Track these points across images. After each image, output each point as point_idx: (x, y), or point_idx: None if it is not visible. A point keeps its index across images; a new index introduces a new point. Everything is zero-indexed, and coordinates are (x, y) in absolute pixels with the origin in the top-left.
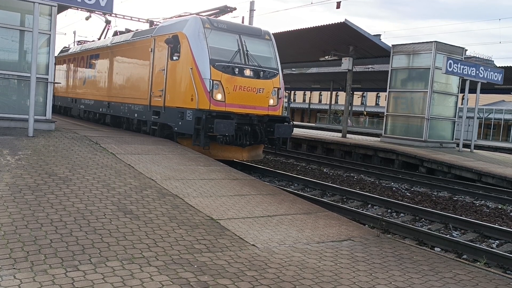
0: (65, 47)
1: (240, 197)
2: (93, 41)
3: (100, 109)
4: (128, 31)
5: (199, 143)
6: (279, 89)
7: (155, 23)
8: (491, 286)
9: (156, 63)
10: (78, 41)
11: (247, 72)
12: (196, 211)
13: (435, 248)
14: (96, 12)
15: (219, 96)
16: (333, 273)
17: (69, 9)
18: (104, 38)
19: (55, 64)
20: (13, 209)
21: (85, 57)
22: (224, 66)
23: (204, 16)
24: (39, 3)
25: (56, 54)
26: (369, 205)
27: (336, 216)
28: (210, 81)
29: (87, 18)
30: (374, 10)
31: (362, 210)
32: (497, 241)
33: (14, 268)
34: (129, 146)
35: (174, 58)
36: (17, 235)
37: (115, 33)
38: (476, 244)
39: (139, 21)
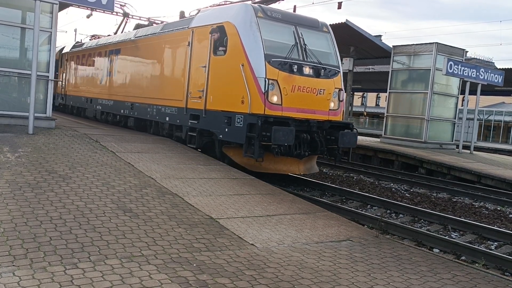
0: (77, 42)
1: (240, 196)
2: (108, 35)
3: (122, 111)
4: (151, 23)
5: (253, 155)
6: (340, 90)
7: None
8: (490, 287)
9: (194, 59)
10: (92, 36)
11: (306, 70)
12: (195, 210)
13: (434, 249)
14: (97, 10)
15: (274, 99)
16: (332, 273)
17: (70, 7)
18: (122, 32)
19: (66, 60)
20: (12, 206)
21: (103, 52)
22: (280, 63)
23: (251, 3)
24: (41, 1)
25: (67, 50)
26: (368, 206)
27: (335, 216)
28: (265, 81)
29: (88, 16)
30: (375, 10)
31: (361, 210)
32: (495, 243)
33: (13, 265)
34: (129, 144)
35: (219, 52)
36: (16, 232)
37: (137, 26)
38: (474, 245)
39: (140, 19)
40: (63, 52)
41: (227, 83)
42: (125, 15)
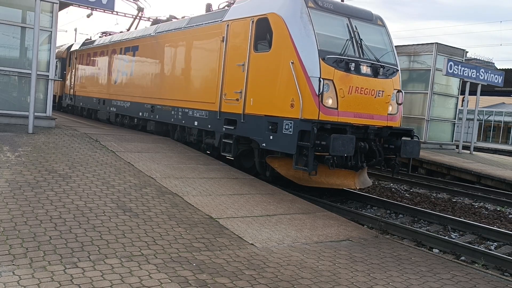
0: (87, 39)
1: (239, 196)
2: (120, 32)
3: (140, 113)
4: (172, 18)
5: (306, 167)
6: (399, 91)
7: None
8: None
9: (230, 56)
10: (103, 32)
11: (364, 68)
12: (195, 210)
13: (434, 249)
14: (97, 9)
15: (329, 101)
16: (331, 273)
17: (71, 7)
18: (135, 28)
19: (76, 58)
20: (12, 206)
21: (118, 49)
22: (336, 60)
23: None
24: (41, 0)
25: (77, 48)
26: (368, 206)
27: (334, 216)
28: (319, 81)
29: (88, 16)
30: (375, 10)
31: (361, 210)
32: (495, 243)
33: (13, 264)
34: (129, 144)
35: (262, 49)
36: (16, 232)
37: (155, 21)
38: (474, 246)
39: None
40: (71, 50)
41: (271, 84)
42: (140, 9)
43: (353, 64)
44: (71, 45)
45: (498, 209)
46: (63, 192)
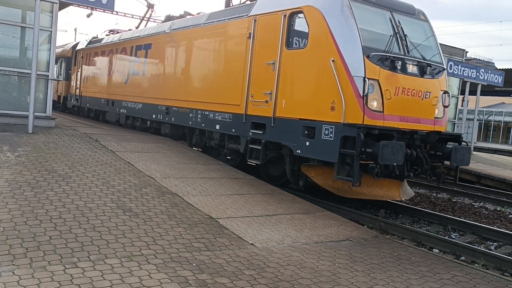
0: (94, 38)
1: (239, 196)
2: (129, 30)
3: (153, 116)
4: (186, 14)
5: (350, 178)
6: (445, 92)
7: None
8: None
9: (257, 54)
10: (110, 30)
11: (410, 67)
12: (195, 210)
13: (434, 249)
14: (97, 9)
15: (374, 104)
16: (331, 273)
17: (70, 6)
18: (145, 25)
19: (82, 57)
20: (12, 206)
21: (128, 48)
22: (381, 58)
23: None
24: (41, 0)
25: (83, 46)
26: (368, 206)
27: (334, 216)
28: (364, 81)
29: (88, 16)
30: None
31: (361, 210)
32: (495, 243)
33: (13, 264)
34: (129, 144)
35: (296, 45)
36: (16, 232)
37: (169, 18)
38: (474, 245)
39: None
40: (77, 48)
41: (308, 84)
42: (150, 6)
43: (399, 62)
44: (77, 44)
45: (498, 209)
46: (63, 192)
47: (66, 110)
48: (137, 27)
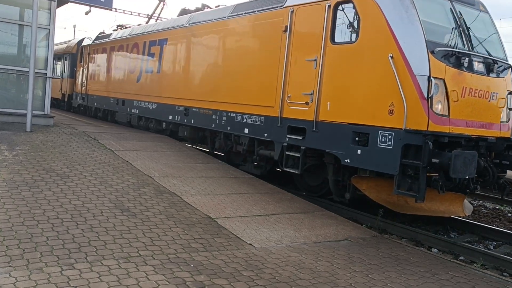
0: (101, 33)
1: (238, 195)
2: (138, 24)
3: (170, 117)
4: (205, 7)
5: (415, 193)
6: (511, 93)
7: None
8: None
9: (295, 49)
10: (118, 25)
11: (476, 65)
12: (193, 209)
13: (433, 249)
14: (96, 6)
15: (439, 107)
16: (330, 274)
17: (69, 3)
18: (156, 20)
19: (88, 54)
20: (9, 206)
21: (140, 43)
22: (447, 54)
23: None
24: None
25: (90, 42)
26: (368, 204)
27: (333, 216)
28: (429, 80)
29: (86, 13)
30: None
31: (360, 210)
32: (494, 243)
33: (9, 266)
34: (128, 142)
35: (343, 39)
36: (13, 232)
37: (184, 11)
38: (473, 245)
39: (139, 15)
40: (83, 44)
41: (359, 84)
42: (161, 0)
43: (466, 59)
44: (83, 39)
45: (497, 207)
46: (61, 192)
47: (72, 109)
48: (147, 22)
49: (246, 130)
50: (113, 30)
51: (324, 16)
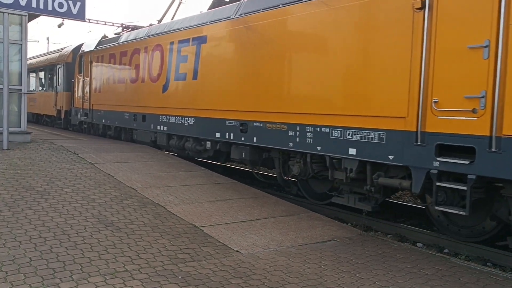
0: (104, 37)
1: (223, 202)
2: (149, 24)
3: (218, 134)
4: None
5: None
6: None
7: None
8: (473, 280)
9: (444, 34)
10: (124, 27)
11: None
12: (178, 219)
13: (417, 244)
14: (69, 18)
15: None
16: (318, 276)
17: (41, 17)
18: (172, 18)
19: (90, 62)
20: None
21: (165, 44)
22: None
23: None
24: (9, 13)
25: (91, 49)
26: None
27: (319, 217)
28: None
29: (59, 25)
30: None
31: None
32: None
33: None
34: (108, 154)
35: None
36: None
37: (214, 4)
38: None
39: (113, 25)
40: (83, 51)
41: None
42: None
43: None
44: (80, 45)
45: None
46: (42, 210)
47: (71, 127)
48: (159, 21)
49: (352, 151)
50: (115, 34)
51: None
